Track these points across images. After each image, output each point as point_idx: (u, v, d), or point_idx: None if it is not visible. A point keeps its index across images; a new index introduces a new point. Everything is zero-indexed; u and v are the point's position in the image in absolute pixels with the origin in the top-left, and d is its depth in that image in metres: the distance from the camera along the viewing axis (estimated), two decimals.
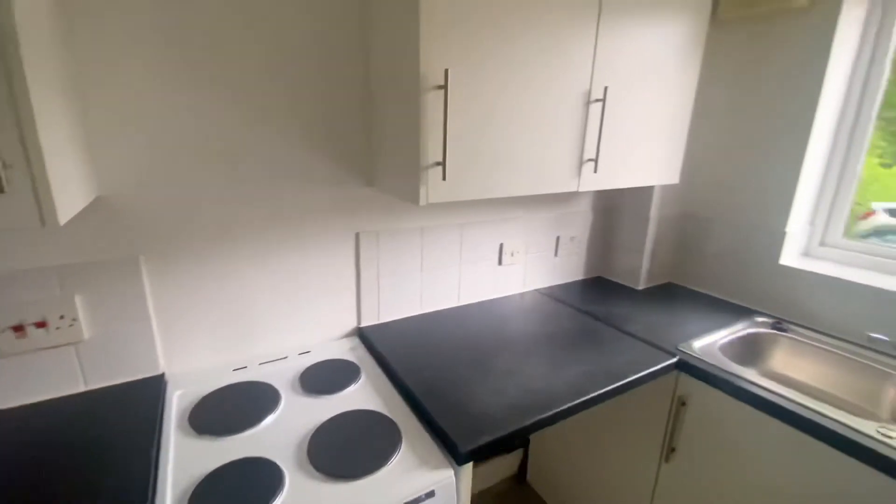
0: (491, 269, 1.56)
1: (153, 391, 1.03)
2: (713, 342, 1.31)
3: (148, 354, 1.07)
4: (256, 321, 1.19)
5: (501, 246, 1.55)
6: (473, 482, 1.34)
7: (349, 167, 1.21)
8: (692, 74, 1.37)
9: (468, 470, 0.89)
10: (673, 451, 1.27)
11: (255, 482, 0.80)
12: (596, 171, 1.22)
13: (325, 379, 1.13)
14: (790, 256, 1.51)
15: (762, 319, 1.47)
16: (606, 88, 1.16)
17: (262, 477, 0.82)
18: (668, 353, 1.24)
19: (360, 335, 1.35)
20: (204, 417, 0.97)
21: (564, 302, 1.60)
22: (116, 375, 1.04)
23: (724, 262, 1.66)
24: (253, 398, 1.05)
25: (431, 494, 0.83)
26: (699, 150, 1.62)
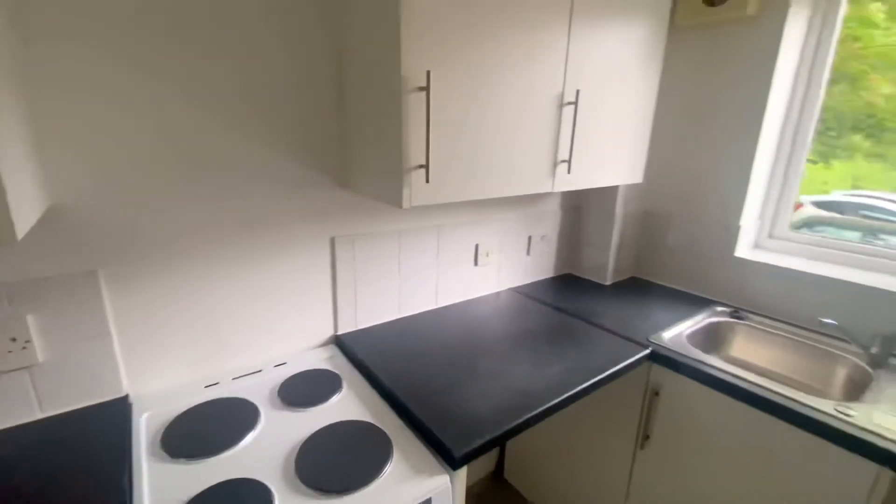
0: (467, 269, 1.57)
1: (118, 415, 0.96)
2: (681, 332, 1.38)
3: (110, 376, 0.98)
4: (227, 334, 1.13)
5: (477, 247, 1.56)
6: None
7: (323, 170, 1.18)
8: (654, 78, 1.44)
9: (462, 474, 0.88)
10: (647, 438, 1.33)
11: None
12: (569, 171, 1.25)
13: (305, 391, 1.09)
14: (744, 249, 1.61)
15: (721, 309, 1.57)
16: (578, 91, 1.19)
17: (249, 499, 0.77)
18: (640, 345, 1.29)
19: (337, 343, 1.32)
20: (177, 440, 0.91)
21: (538, 299, 1.63)
22: (76, 400, 0.95)
23: (683, 255, 1.75)
24: (229, 416, 0.99)
25: (428, 502, 0.82)
26: (659, 150, 1.70)
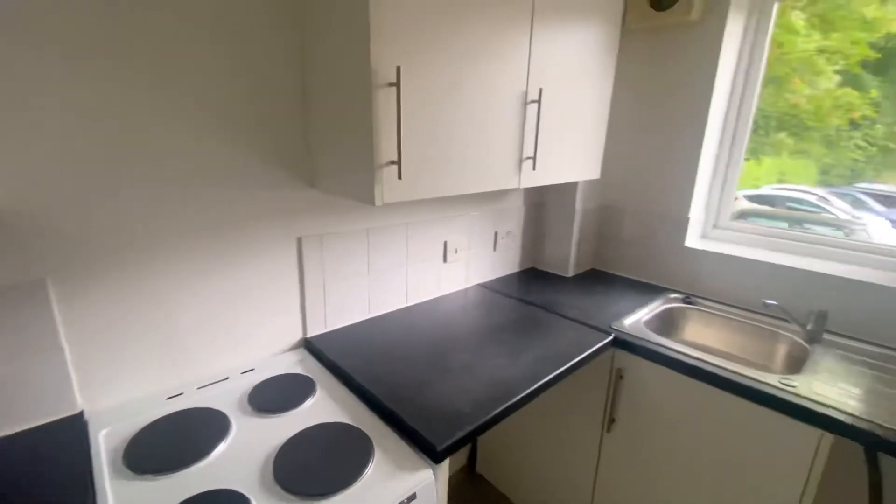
0: (437, 267, 1.58)
1: (73, 433, 0.89)
2: (639, 319, 1.46)
3: (62, 392, 0.91)
4: (189, 342, 1.08)
5: (446, 244, 1.57)
6: None
7: (287, 169, 1.14)
8: (608, 78, 1.51)
9: (445, 467, 0.89)
10: (613, 421, 1.40)
11: None
12: (534, 168, 1.29)
13: (276, 396, 1.06)
14: (692, 239, 1.73)
15: (674, 296, 1.67)
16: (541, 90, 1.23)
17: None
18: (604, 332, 1.35)
19: (307, 346, 1.29)
20: (141, 455, 0.86)
21: (506, 294, 1.67)
22: (25, 420, 0.88)
23: (638, 247, 1.85)
24: (196, 426, 0.95)
25: (413, 497, 0.82)
26: (614, 147, 1.79)
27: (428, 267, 1.55)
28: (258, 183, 1.11)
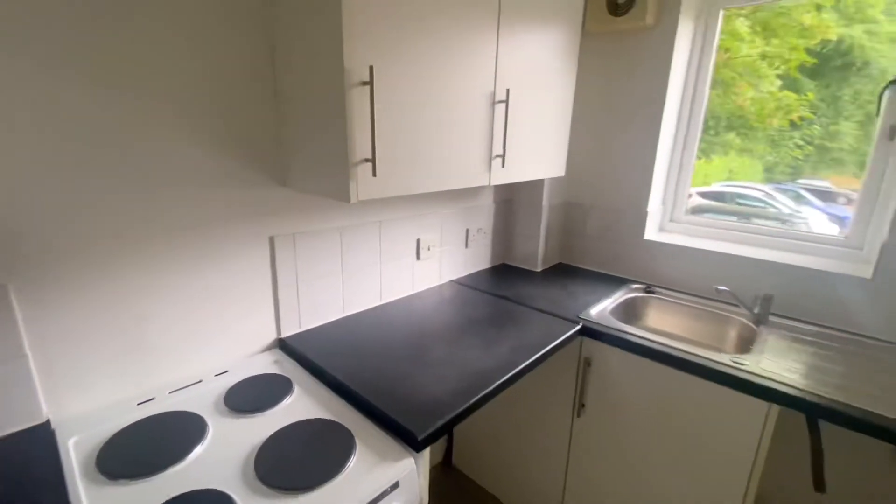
0: (410, 264, 1.60)
1: (41, 442, 0.86)
2: (604, 308, 1.54)
3: (27, 400, 0.88)
4: (159, 345, 1.05)
5: (419, 241, 1.60)
6: None
7: (258, 168, 1.14)
8: (570, 79, 1.58)
9: (426, 455, 0.92)
10: (583, 406, 1.47)
11: None
12: (503, 166, 1.34)
13: (253, 396, 1.05)
14: (651, 232, 1.83)
15: (636, 286, 1.77)
16: (508, 91, 1.27)
17: None
18: (572, 321, 1.42)
19: (281, 346, 1.28)
20: (115, 461, 0.84)
21: (479, 289, 1.71)
22: None
23: (601, 241, 1.94)
24: (172, 430, 0.93)
25: (396, 486, 0.85)
26: (577, 146, 1.87)
27: (402, 264, 1.58)
28: (228, 182, 1.10)
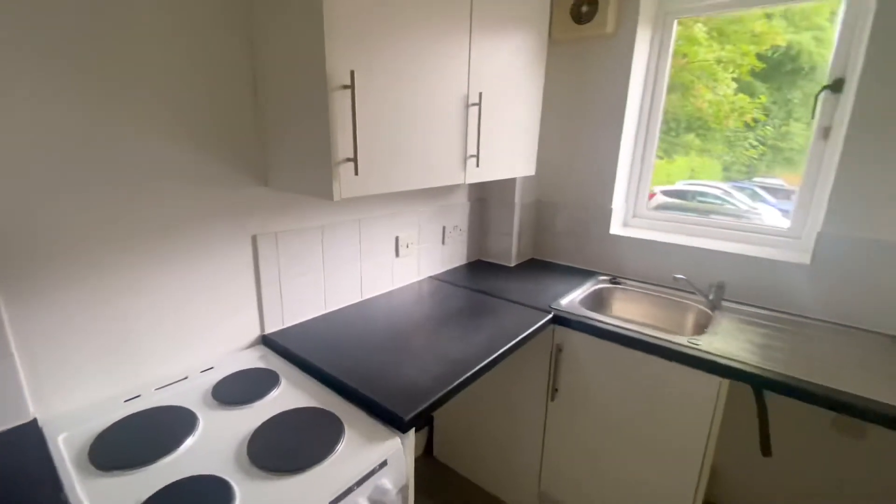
0: (389, 261, 1.65)
1: (29, 440, 0.87)
2: (574, 299, 1.64)
3: (13, 400, 0.89)
4: (144, 343, 1.07)
5: (397, 239, 1.65)
6: None
7: (240, 168, 1.17)
8: (538, 83, 1.67)
9: (412, 436, 0.98)
10: (556, 391, 1.56)
11: (198, 499, 0.77)
12: (478, 165, 1.42)
13: (241, 390, 1.09)
14: (616, 227, 1.95)
15: (603, 277, 1.88)
16: (481, 94, 1.35)
17: (205, 493, 0.78)
18: (544, 311, 1.51)
19: (265, 342, 1.31)
20: (108, 454, 0.86)
21: (456, 284, 1.78)
22: None
23: (570, 236, 2.04)
24: (162, 423, 0.96)
25: (384, 464, 0.90)
26: (545, 146, 1.96)
27: (381, 262, 1.63)
28: (211, 182, 1.12)
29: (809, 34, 1.60)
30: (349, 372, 1.11)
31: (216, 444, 0.91)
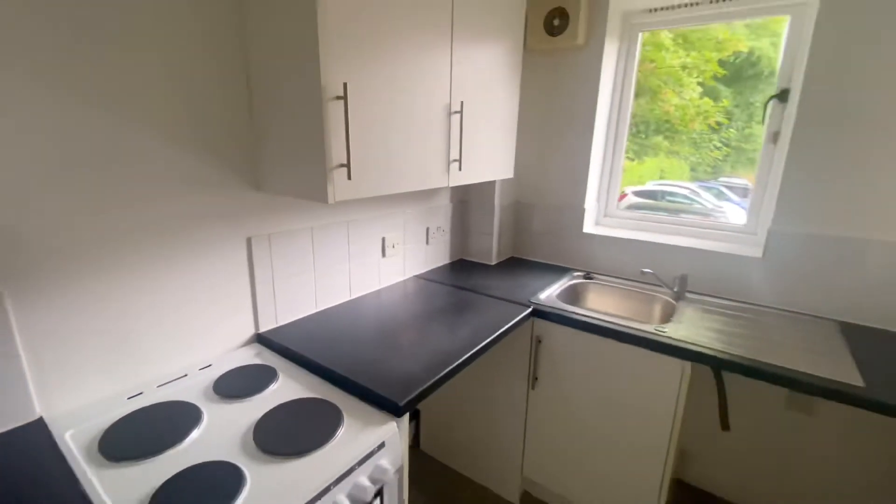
0: (376, 261, 1.72)
1: (37, 436, 0.91)
2: (551, 293, 1.75)
3: (20, 399, 0.92)
4: (145, 342, 1.11)
5: (384, 240, 1.72)
6: None
7: (234, 172, 1.22)
8: (515, 92, 1.77)
9: (406, 420, 1.06)
10: (536, 380, 1.66)
11: (212, 482, 0.82)
12: (460, 169, 1.50)
13: (241, 384, 1.14)
14: (589, 226, 2.07)
15: (577, 273, 2.00)
16: (462, 103, 1.44)
17: (217, 476, 0.83)
18: (524, 305, 1.61)
19: (260, 341, 1.36)
20: (118, 446, 0.90)
21: (440, 282, 1.86)
22: None
23: (546, 235, 2.16)
24: (168, 417, 1.00)
25: (382, 446, 0.98)
26: (522, 151, 2.07)
27: (369, 262, 1.70)
28: (207, 186, 1.17)
29: (768, 40, 1.71)
30: (344, 364, 1.18)
31: (222, 433, 0.96)
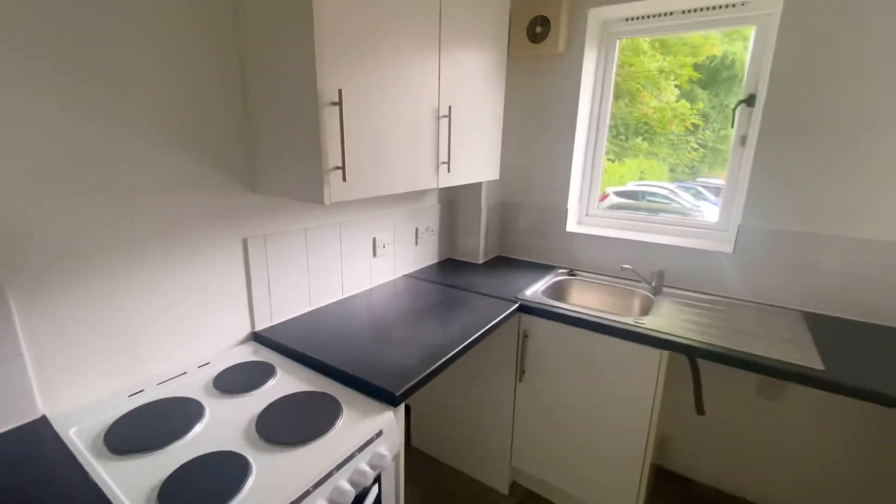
0: (367, 261, 1.77)
1: (42, 433, 0.93)
2: (537, 290, 1.82)
3: (24, 398, 0.94)
4: (145, 341, 1.14)
5: (375, 240, 1.77)
6: None
7: (231, 175, 1.26)
8: (500, 97, 1.85)
9: (402, 409, 1.11)
10: (523, 372, 1.73)
11: (218, 470, 0.86)
12: (449, 171, 1.57)
13: (241, 380, 1.18)
14: (571, 225, 2.15)
15: (561, 270, 2.08)
16: (450, 107, 1.50)
17: (223, 465, 0.87)
18: (511, 301, 1.68)
19: (256, 339, 1.40)
20: (123, 441, 0.93)
21: (430, 281, 1.92)
22: None
23: (531, 235, 2.23)
24: (170, 412, 1.04)
25: (380, 434, 1.03)
26: (507, 153, 2.14)
27: (360, 261, 1.74)
28: (204, 189, 1.21)
29: (742, 44, 1.79)
30: (341, 359, 1.22)
31: (225, 426, 1.00)
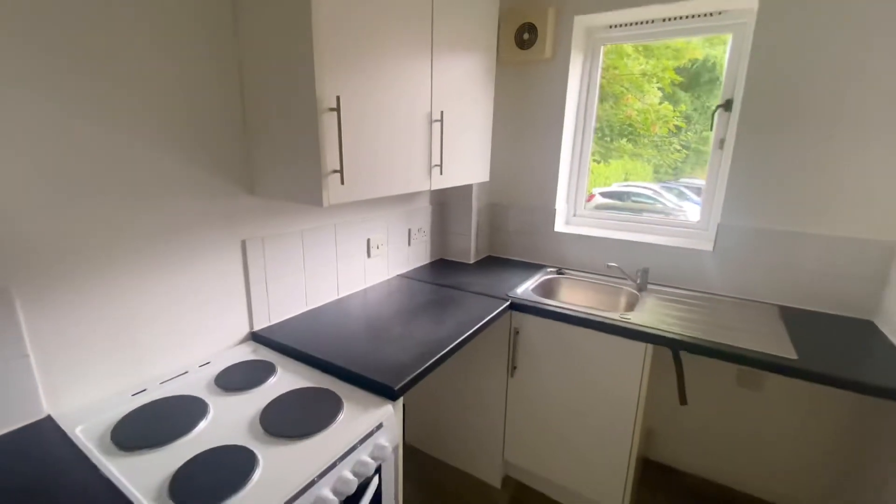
0: (362, 261, 1.81)
1: (48, 433, 0.95)
2: (527, 288, 1.88)
3: (28, 398, 0.96)
4: (147, 341, 1.17)
5: (369, 241, 1.81)
6: None
7: (230, 178, 1.29)
8: (489, 101, 1.90)
9: (400, 403, 1.15)
10: (515, 368, 1.78)
11: (226, 463, 0.89)
12: (441, 173, 1.61)
13: (243, 378, 1.21)
14: (560, 225, 2.22)
15: (550, 269, 2.14)
16: (442, 112, 1.55)
17: (230, 458, 0.90)
18: (503, 299, 1.73)
19: (254, 338, 1.43)
20: (130, 437, 0.96)
21: (422, 280, 1.96)
22: None
23: (521, 235, 2.29)
24: (176, 410, 1.06)
25: (380, 426, 1.07)
26: (497, 155, 2.20)
27: (355, 262, 1.78)
28: (204, 191, 1.23)
29: (722, 48, 1.85)
30: (340, 356, 1.26)
31: (229, 422, 1.03)
